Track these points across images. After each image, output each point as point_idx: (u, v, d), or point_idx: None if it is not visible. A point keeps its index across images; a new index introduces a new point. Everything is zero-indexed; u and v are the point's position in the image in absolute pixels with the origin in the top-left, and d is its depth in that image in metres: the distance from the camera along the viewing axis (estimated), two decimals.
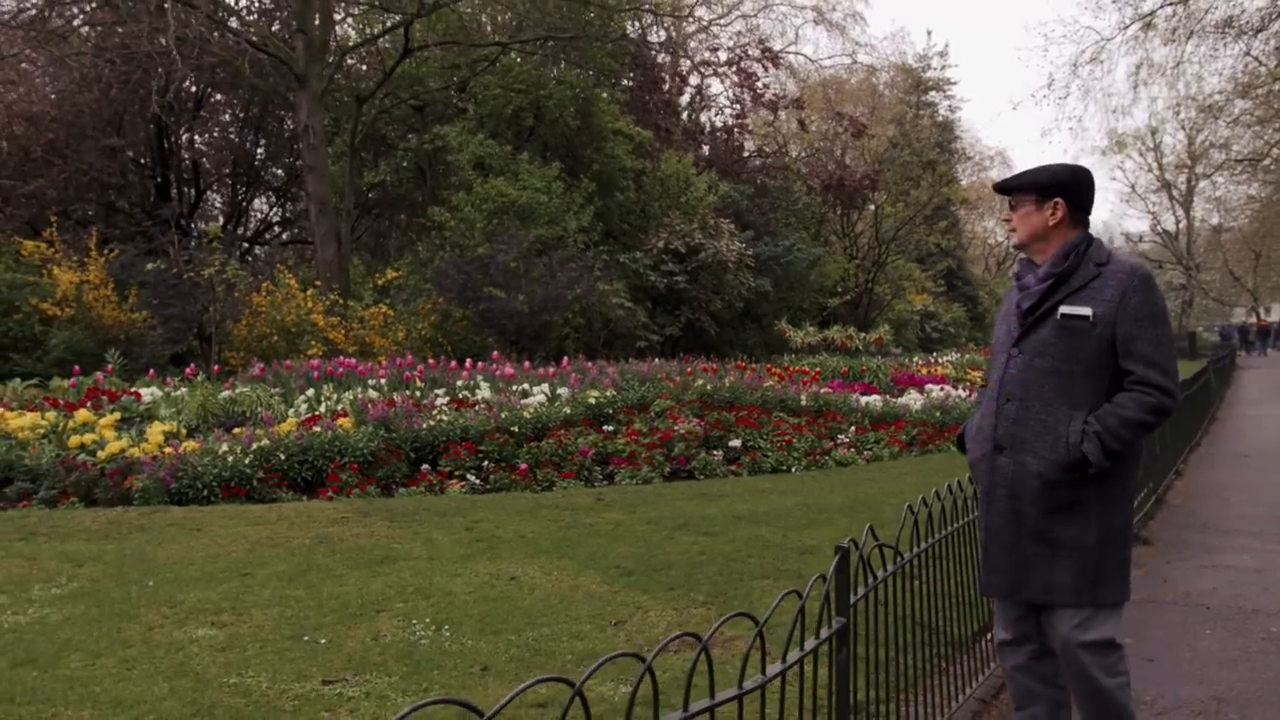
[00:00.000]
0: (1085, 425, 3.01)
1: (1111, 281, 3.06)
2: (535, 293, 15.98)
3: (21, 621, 5.28)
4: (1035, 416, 3.09)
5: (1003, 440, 3.17)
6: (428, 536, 7.13)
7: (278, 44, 18.74)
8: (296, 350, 14.54)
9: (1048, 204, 3.17)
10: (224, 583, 5.97)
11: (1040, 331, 3.12)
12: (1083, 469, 3.01)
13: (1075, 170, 3.23)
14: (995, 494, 3.20)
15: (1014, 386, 3.16)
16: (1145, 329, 3.02)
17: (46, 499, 8.45)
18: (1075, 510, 3.07)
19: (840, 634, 2.97)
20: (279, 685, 4.24)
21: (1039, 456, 3.07)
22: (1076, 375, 3.06)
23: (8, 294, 14.94)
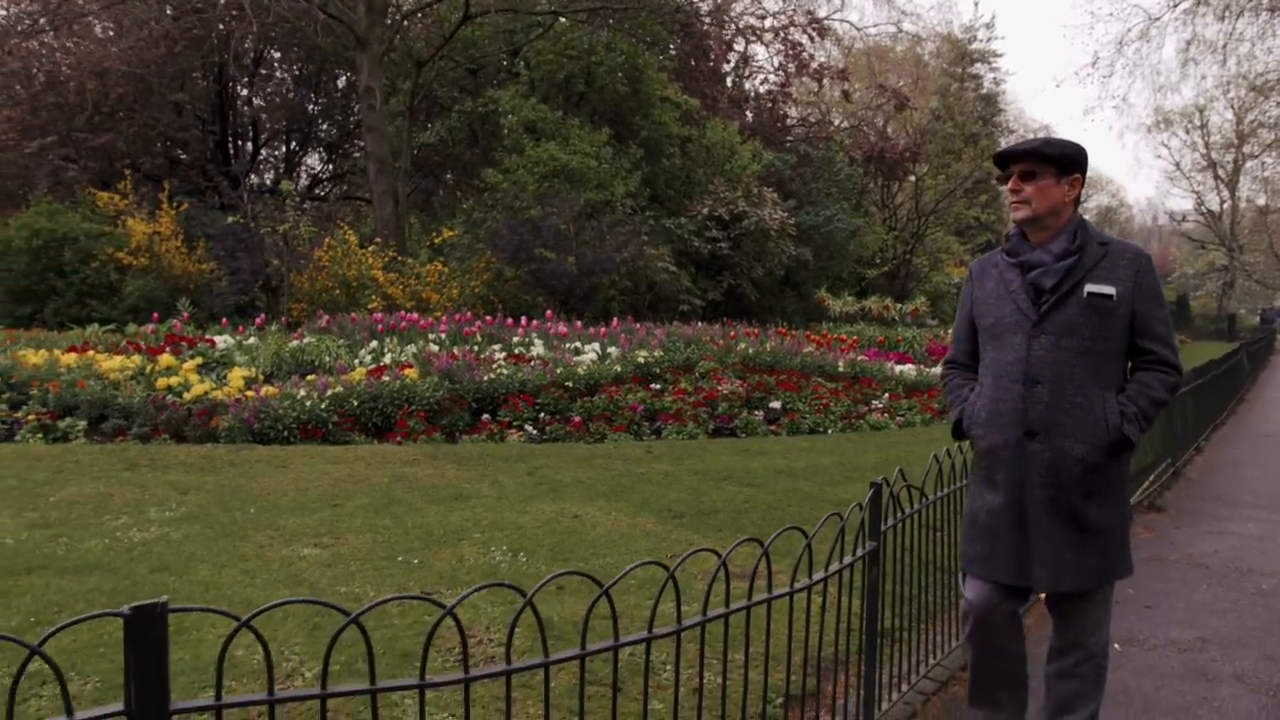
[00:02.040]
0: (1121, 406, 3.04)
1: (1122, 261, 3.07)
2: (585, 255, 16.61)
3: (147, 537, 6.00)
4: (1070, 399, 3.04)
5: (1035, 425, 3.08)
6: (494, 479, 7.80)
7: (340, 6, 19.33)
8: (356, 304, 15.26)
9: (1067, 178, 3.11)
10: (317, 512, 6.67)
11: (1065, 311, 3.05)
12: (1125, 450, 3.05)
13: (1085, 151, 3.19)
14: (1030, 482, 3.10)
15: (1043, 369, 3.07)
16: (1159, 309, 3.09)
17: (140, 435, 9.20)
18: (1108, 492, 3.09)
19: (872, 555, 3.58)
20: (383, 594, 4.92)
21: (1081, 441, 3.03)
22: (1104, 355, 3.04)
23: (86, 243, 15.76)
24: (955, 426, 3.38)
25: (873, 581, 3.61)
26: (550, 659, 2.41)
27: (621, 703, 3.69)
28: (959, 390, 3.39)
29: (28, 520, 6.32)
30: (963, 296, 3.47)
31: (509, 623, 2.48)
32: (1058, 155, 3.10)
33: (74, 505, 6.73)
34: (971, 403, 3.30)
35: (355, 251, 16.10)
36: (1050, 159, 3.10)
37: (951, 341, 3.54)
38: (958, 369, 3.45)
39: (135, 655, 2.08)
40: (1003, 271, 3.23)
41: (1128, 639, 4.81)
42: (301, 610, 4.57)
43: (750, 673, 2.89)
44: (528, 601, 2.25)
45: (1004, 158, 3.20)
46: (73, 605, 4.70)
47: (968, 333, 3.40)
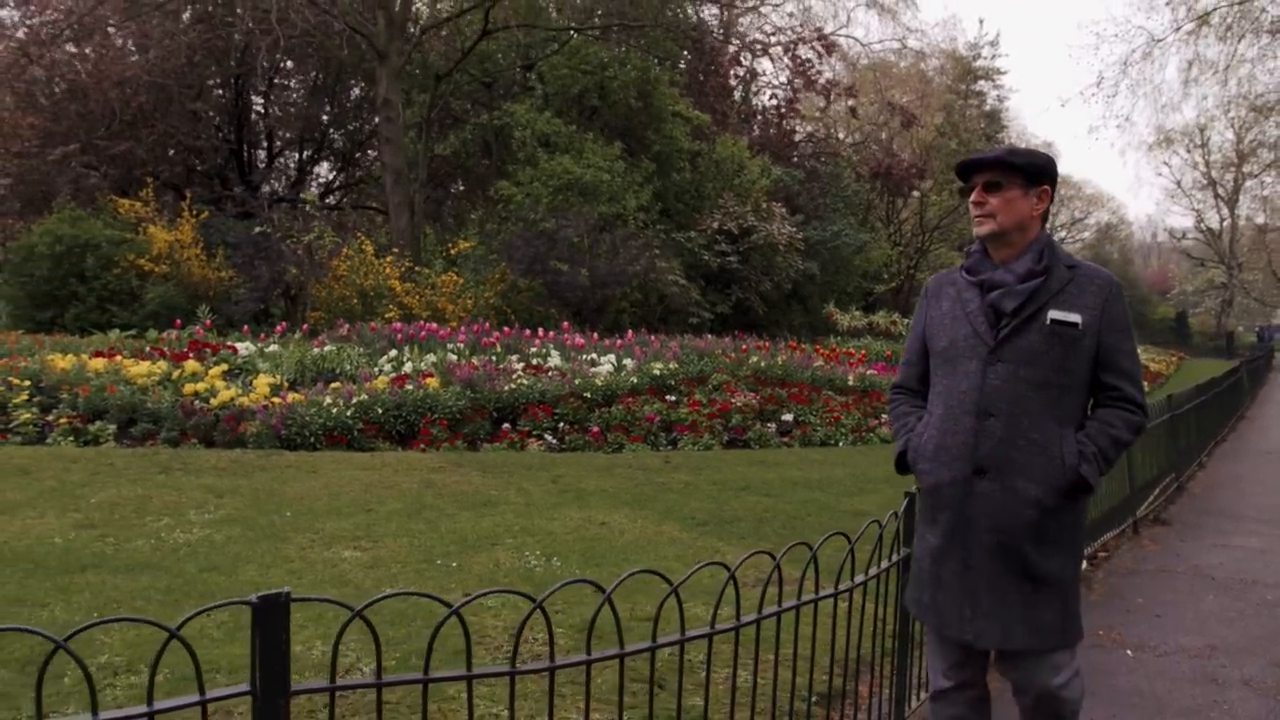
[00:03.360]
0: (1080, 445, 2.77)
1: (1090, 287, 2.79)
2: (598, 267, 16.87)
3: (191, 539, 6.22)
4: (1025, 435, 2.76)
5: (985, 461, 2.79)
6: (519, 486, 8.03)
7: (360, 20, 19.63)
8: (373, 313, 15.50)
9: (1035, 190, 2.85)
10: (351, 516, 6.89)
11: (1025, 337, 2.78)
12: (1083, 493, 2.78)
13: (1055, 162, 2.93)
14: (975, 526, 2.82)
15: (997, 400, 2.78)
16: (1126, 341, 2.83)
17: (169, 439, 9.41)
18: (1062, 540, 2.81)
19: (906, 561, 3.81)
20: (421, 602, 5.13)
21: (1035, 481, 2.75)
22: (1065, 389, 2.77)
23: (108, 249, 16.01)
24: (899, 459, 3.08)
25: (905, 586, 3.84)
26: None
27: (665, 699, 3.91)
28: (905, 419, 3.09)
29: (73, 521, 6.54)
30: (916, 315, 3.18)
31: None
32: (1025, 165, 2.83)
33: (115, 507, 6.95)
34: (918, 434, 3.00)
35: (372, 261, 16.36)
36: (1017, 169, 2.83)
37: (901, 364, 3.24)
38: (905, 395, 3.17)
39: (261, 640, 2.31)
40: (961, 290, 2.95)
41: (1139, 645, 5.02)
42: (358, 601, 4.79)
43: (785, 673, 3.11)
44: (607, 597, 2.48)
45: (967, 168, 2.93)
46: (130, 602, 4.91)
47: (919, 355, 3.11)
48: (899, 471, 3.11)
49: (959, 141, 39.48)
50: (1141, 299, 60.50)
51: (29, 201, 18.96)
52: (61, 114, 19.42)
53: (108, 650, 4.28)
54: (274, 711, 2.33)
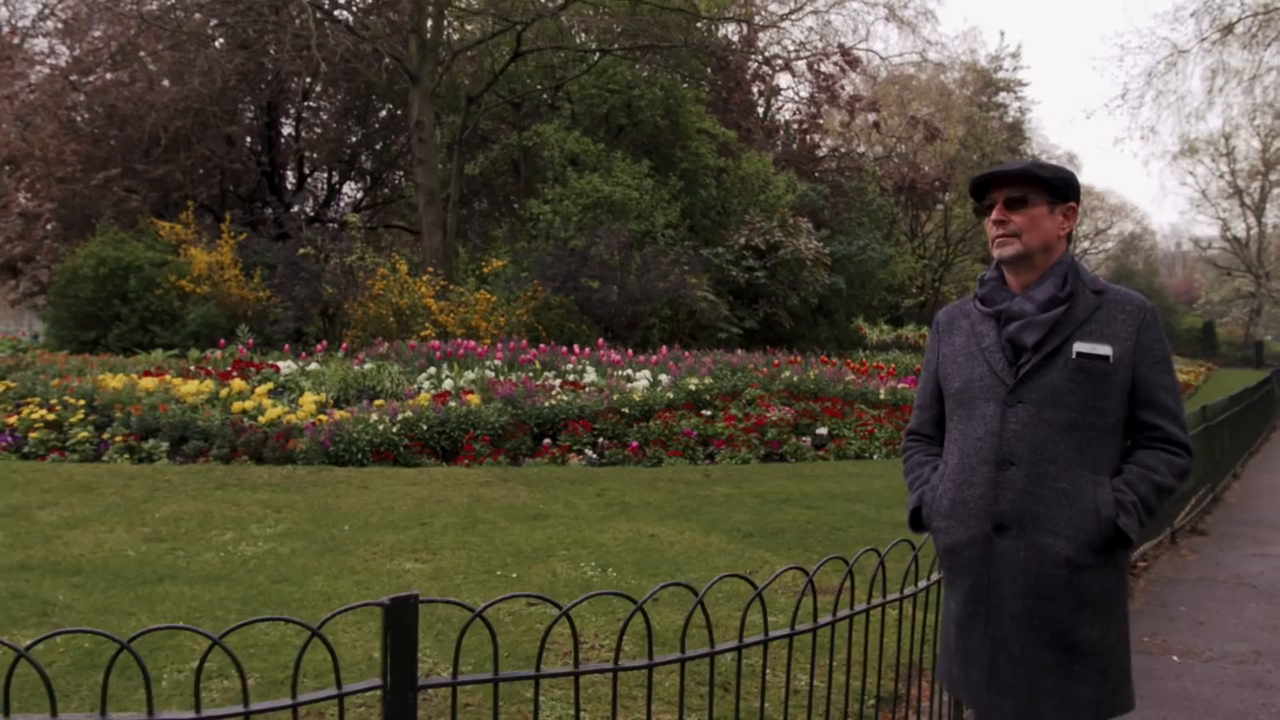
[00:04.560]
0: (1116, 494, 2.42)
1: (1120, 315, 2.47)
2: (629, 284, 17.12)
3: (257, 551, 6.45)
4: (1052, 485, 2.43)
5: (1007, 518, 2.45)
6: (566, 500, 8.23)
7: (394, 45, 20.02)
8: (408, 331, 15.78)
9: (1061, 207, 2.54)
10: (408, 530, 7.10)
11: (1048, 374, 2.45)
12: (1121, 547, 2.43)
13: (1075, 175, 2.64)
14: (1000, 590, 2.47)
15: (1018, 447, 2.46)
16: (1165, 374, 2.49)
17: (220, 456, 9.67)
18: (1105, 602, 2.45)
19: None
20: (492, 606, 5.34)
21: (1064, 537, 2.40)
22: (1096, 431, 2.45)
23: (150, 271, 16.38)
24: (912, 516, 2.72)
25: None
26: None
27: (727, 702, 4.08)
28: (919, 470, 2.75)
29: (141, 534, 6.79)
30: (927, 353, 2.85)
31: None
32: (1052, 178, 2.54)
33: (179, 521, 7.20)
34: (933, 486, 2.65)
35: (406, 280, 16.65)
36: (1044, 182, 2.54)
37: (915, 406, 2.90)
38: (920, 442, 2.82)
39: (392, 638, 2.52)
40: (975, 324, 2.63)
41: (1186, 651, 5.16)
42: (426, 614, 4.99)
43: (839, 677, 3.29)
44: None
45: (986, 182, 2.60)
46: (212, 611, 5.13)
47: (932, 398, 2.77)
48: (913, 529, 2.75)
49: (981, 154, 39.61)
50: (1168, 309, 60.18)
51: (72, 225, 19.40)
52: (102, 140, 19.87)
53: (194, 656, 4.49)
54: (403, 704, 2.54)
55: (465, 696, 4.11)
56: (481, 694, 4.08)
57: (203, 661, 2.40)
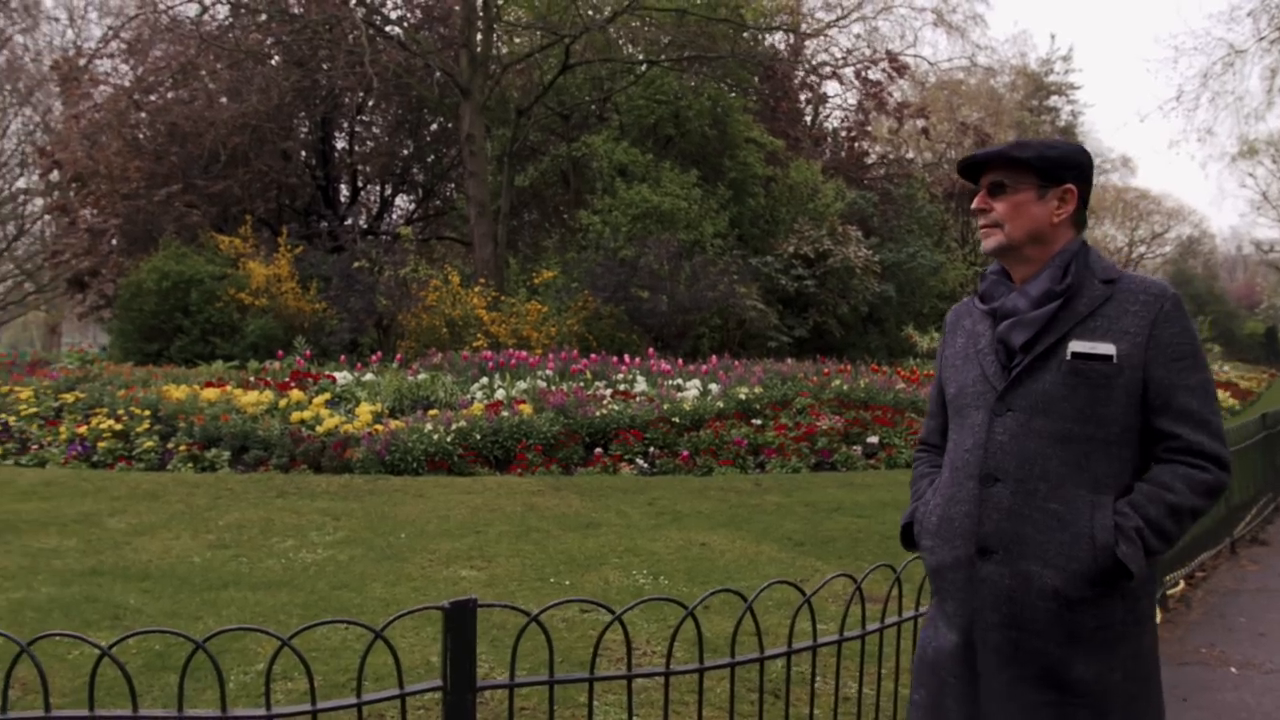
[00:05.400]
0: (1118, 517, 2.09)
1: (1132, 306, 2.15)
2: (679, 294, 17.20)
3: (317, 558, 6.61)
4: (1041, 505, 2.14)
5: (990, 540, 2.19)
6: (618, 509, 8.31)
7: (445, 59, 20.34)
8: (461, 341, 16.00)
9: (1053, 191, 2.22)
10: (463, 538, 7.23)
11: (1040, 378, 2.17)
12: (1118, 580, 2.09)
13: (1087, 153, 2.31)
14: (982, 619, 2.21)
15: (1005, 460, 2.19)
16: (1188, 373, 2.13)
17: (280, 465, 9.90)
18: (1105, 640, 2.14)
19: None
20: (549, 610, 5.42)
21: (1053, 565, 2.12)
22: (1098, 443, 2.13)
23: (210, 284, 16.79)
24: (903, 532, 2.50)
25: None
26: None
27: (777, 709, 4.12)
28: (918, 483, 2.52)
29: (206, 541, 6.99)
30: (938, 355, 2.58)
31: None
32: (1034, 158, 2.22)
33: (242, 528, 7.39)
34: (926, 501, 2.42)
35: (459, 291, 16.89)
36: (1024, 164, 2.23)
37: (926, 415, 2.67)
38: (927, 453, 2.58)
39: (451, 641, 2.62)
40: (975, 323, 2.37)
41: (1244, 663, 5.10)
42: (483, 620, 5.09)
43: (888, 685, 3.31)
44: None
45: (967, 170, 2.36)
46: (275, 616, 5.28)
47: (940, 405, 2.52)
48: (904, 547, 2.52)
49: None
50: (1229, 314, 58.95)
51: (136, 240, 19.93)
52: (164, 156, 20.39)
53: (259, 659, 4.62)
54: (462, 705, 2.64)
55: (521, 701, 4.20)
56: (537, 698, 4.17)
57: (272, 661, 2.52)
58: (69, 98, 23.37)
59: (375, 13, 20.72)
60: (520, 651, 4.55)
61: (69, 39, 35.41)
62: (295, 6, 20.26)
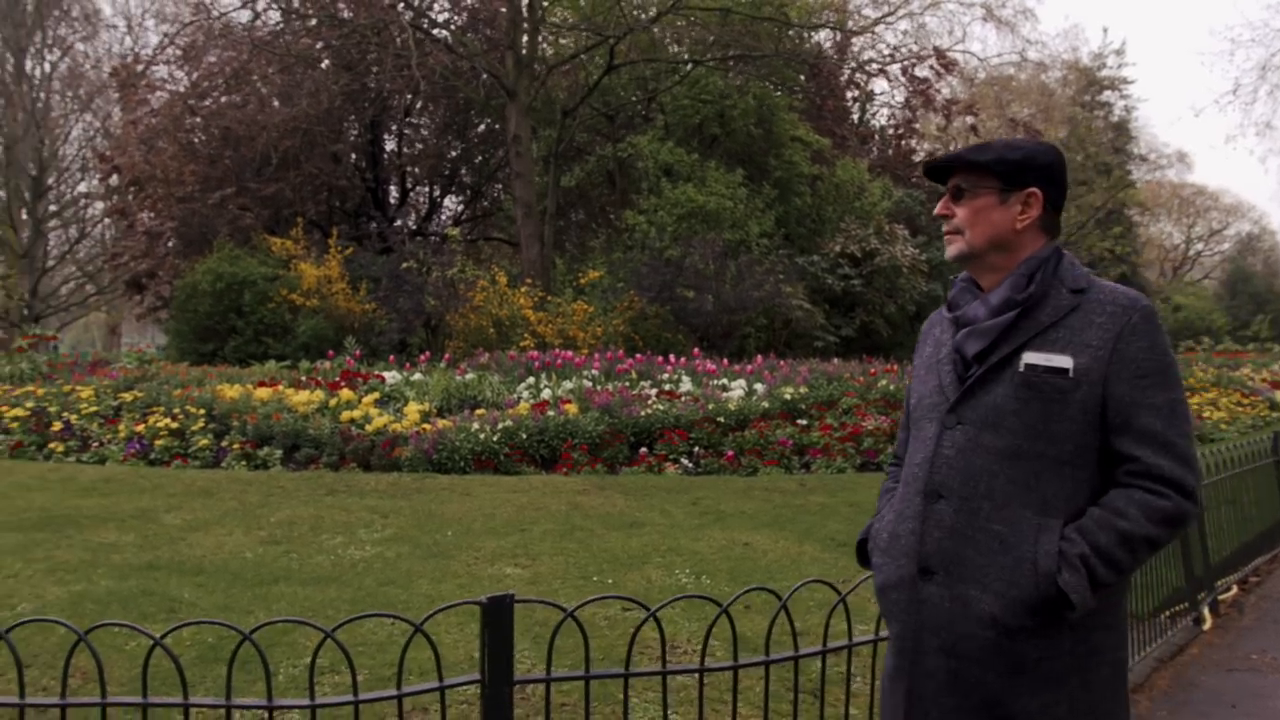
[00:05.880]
0: (1063, 543, 1.96)
1: (1098, 318, 2.03)
2: (724, 294, 17.22)
3: (365, 555, 6.73)
4: (984, 525, 2.03)
5: (932, 560, 2.08)
6: (661, 508, 8.35)
7: (491, 61, 20.54)
8: (508, 341, 16.14)
9: (1016, 195, 2.12)
10: (508, 536, 7.31)
11: (992, 391, 2.07)
12: (1059, 611, 1.96)
13: (1056, 153, 2.19)
14: (922, 644, 2.11)
15: (950, 475, 2.09)
16: (1153, 391, 1.99)
17: (330, 463, 10.06)
18: (1045, 670, 2.01)
19: None
20: (588, 609, 5.48)
21: (992, 590, 2.00)
22: (1049, 461, 2.01)
23: (263, 285, 17.11)
24: (859, 548, 2.43)
25: None
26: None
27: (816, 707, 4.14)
28: (881, 499, 2.44)
29: (258, 538, 7.14)
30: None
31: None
32: (993, 161, 2.13)
33: (292, 525, 7.54)
34: (882, 517, 2.34)
35: (505, 291, 17.05)
36: (984, 167, 2.14)
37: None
38: (897, 467, 2.45)
39: (489, 635, 2.68)
40: (942, 331, 2.28)
41: None
42: (525, 617, 5.17)
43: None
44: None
45: (932, 171, 2.28)
46: (323, 611, 5.39)
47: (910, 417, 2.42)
48: (860, 563, 2.45)
49: (1085, 154, 38.58)
50: None
51: (192, 242, 20.39)
52: (218, 160, 20.83)
53: (307, 653, 4.73)
54: (499, 698, 2.70)
55: (561, 697, 4.26)
56: (576, 694, 4.23)
57: (316, 653, 2.60)
58: (127, 104, 23.98)
59: (422, 16, 20.96)
60: (563, 648, 4.62)
61: (127, 46, 36.29)
62: (344, 11, 20.57)
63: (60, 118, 36.02)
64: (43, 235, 35.73)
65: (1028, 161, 2.12)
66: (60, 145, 36.30)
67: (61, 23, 36.11)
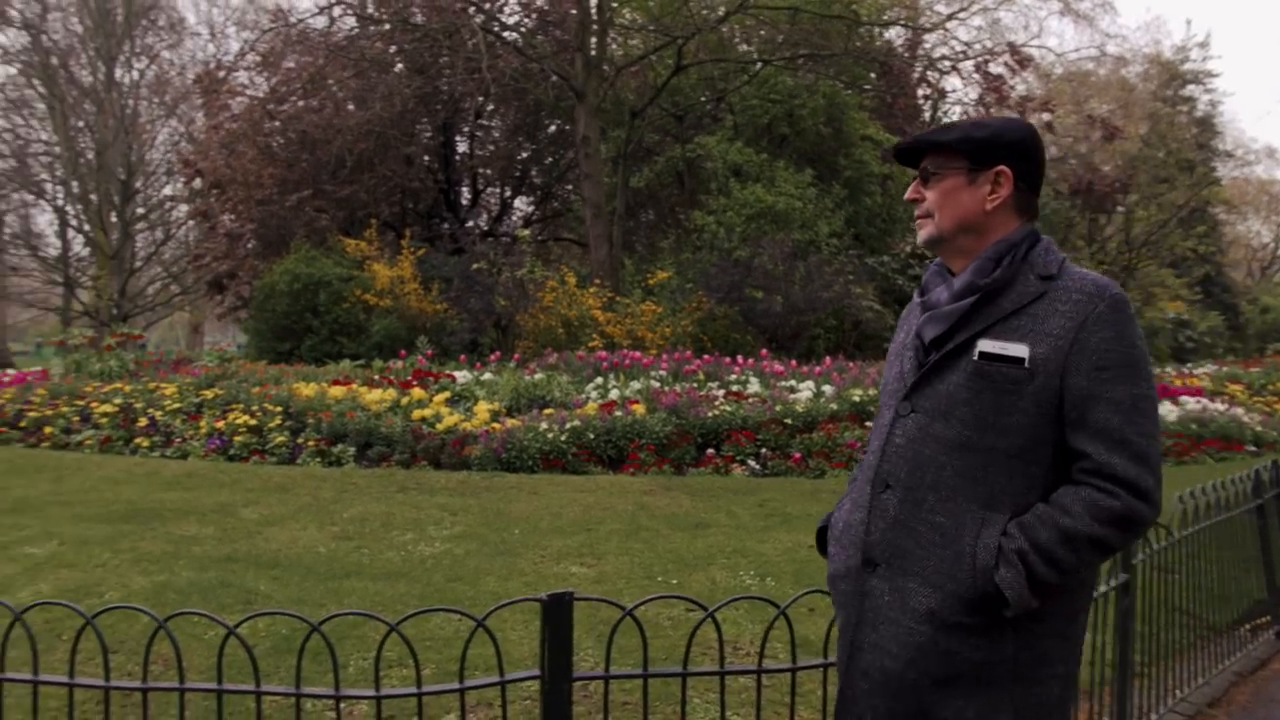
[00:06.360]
0: (1003, 539, 1.88)
1: (1063, 306, 1.92)
2: (793, 294, 17.13)
3: (434, 551, 6.85)
4: (927, 517, 1.96)
5: (875, 551, 2.02)
6: (727, 509, 8.35)
7: (560, 63, 20.73)
8: (577, 342, 16.26)
9: (984, 174, 2.02)
10: (574, 535, 7.38)
11: (946, 379, 1.99)
12: (994, 609, 1.88)
13: (1028, 129, 2.08)
14: (860, 639, 2.04)
15: (898, 465, 2.03)
16: (1112, 384, 1.88)
17: (401, 461, 10.25)
18: (985, 675, 1.91)
19: (1124, 586, 3.90)
20: (652, 609, 5.52)
21: (930, 584, 1.93)
22: (998, 454, 1.92)
23: (337, 285, 17.49)
24: (818, 536, 2.38)
25: (1125, 611, 3.92)
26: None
27: None
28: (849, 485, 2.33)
29: (331, 533, 7.31)
30: None
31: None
32: (958, 140, 2.04)
33: (364, 521, 7.71)
34: (841, 505, 2.27)
35: (575, 292, 17.18)
36: (949, 147, 2.05)
37: None
38: None
39: (549, 632, 2.73)
40: (915, 318, 2.19)
41: None
42: (589, 616, 5.23)
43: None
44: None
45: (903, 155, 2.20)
46: (393, 605, 5.51)
47: None
48: (820, 553, 2.37)
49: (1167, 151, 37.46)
50: None
51: (270, 244, 20.92)
52: (295, 163, 21.33)
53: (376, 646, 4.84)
54: (559, 694, 2.74)
55: (623, 695, 4.30)
56: (638, 693, 4.26)
57: (381, 645, 2.67)
58: (210, 109, 24.65)
59: (493, 19, 21.21)
60: (626, 647, 4.67)
61: (210, 53, 37.33)
62: (417, 15, 20.92)
63: (147, 123, 37.20)
64: (130, 237, 36.95)
65: (995, 139, 2.03)
66: (147, 150, 37.51)
67: (149, 32, 37.33)
